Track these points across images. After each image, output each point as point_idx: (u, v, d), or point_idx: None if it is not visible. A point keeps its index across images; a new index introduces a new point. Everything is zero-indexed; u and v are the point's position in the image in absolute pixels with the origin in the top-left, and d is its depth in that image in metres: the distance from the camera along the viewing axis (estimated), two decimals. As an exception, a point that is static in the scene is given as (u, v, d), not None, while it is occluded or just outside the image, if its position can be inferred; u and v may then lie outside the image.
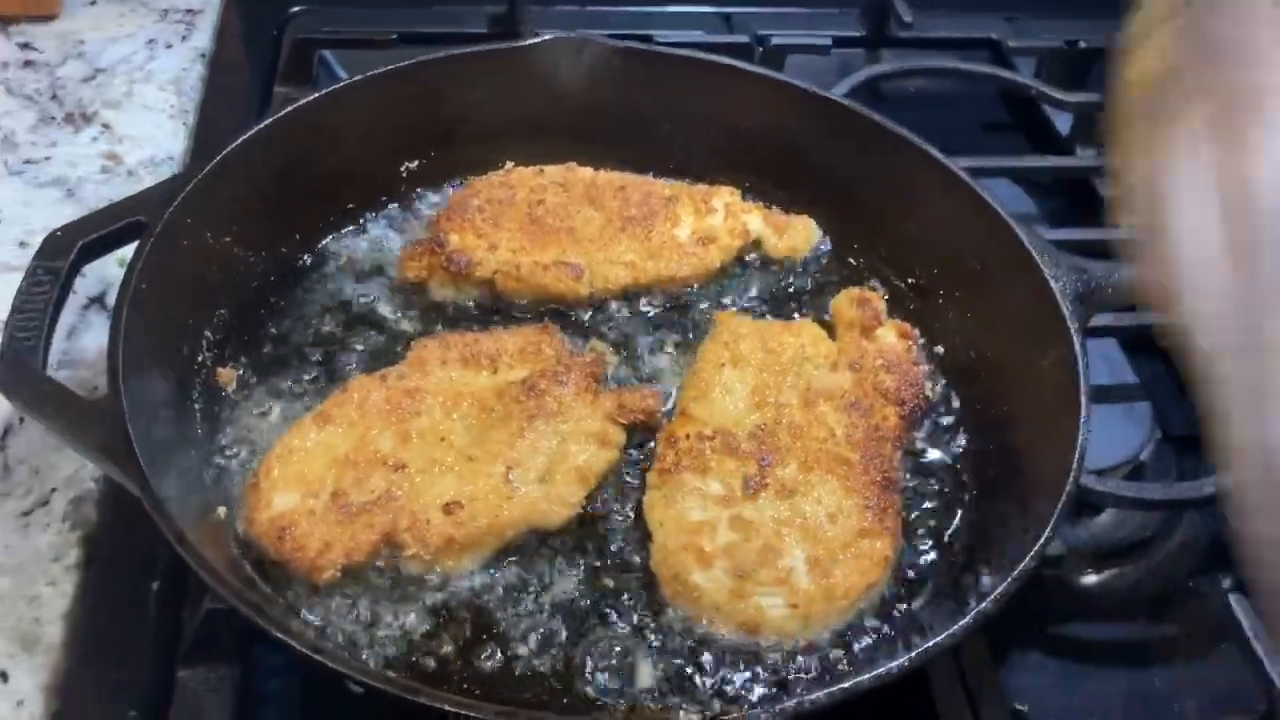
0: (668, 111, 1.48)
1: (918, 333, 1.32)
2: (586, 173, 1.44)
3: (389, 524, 1.07)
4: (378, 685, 0.91)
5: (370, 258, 1.38)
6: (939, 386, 1.30)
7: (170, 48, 1.73)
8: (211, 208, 1.23)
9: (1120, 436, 1.39)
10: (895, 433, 1.21)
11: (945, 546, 1.17)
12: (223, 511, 1.10)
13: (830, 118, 1.44)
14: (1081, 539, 1.32)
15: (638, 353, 1.32)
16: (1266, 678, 1.12)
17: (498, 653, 1.04)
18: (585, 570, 1.11)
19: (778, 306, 1.39)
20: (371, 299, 1.34)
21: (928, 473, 1.23)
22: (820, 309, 1.37)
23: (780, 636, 1.06)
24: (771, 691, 1.03)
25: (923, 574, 1.14)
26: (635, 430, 1.22)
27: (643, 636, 1.06)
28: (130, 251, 1.15)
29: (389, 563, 1.08)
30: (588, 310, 1.35)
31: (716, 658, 1.05)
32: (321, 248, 1.38)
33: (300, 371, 1.25)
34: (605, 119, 1.48)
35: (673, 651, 1.05)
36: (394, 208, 1.44)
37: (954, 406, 1.29)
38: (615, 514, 1.16)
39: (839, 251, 1.44)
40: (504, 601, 1.08)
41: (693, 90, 1.47)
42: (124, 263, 1.14)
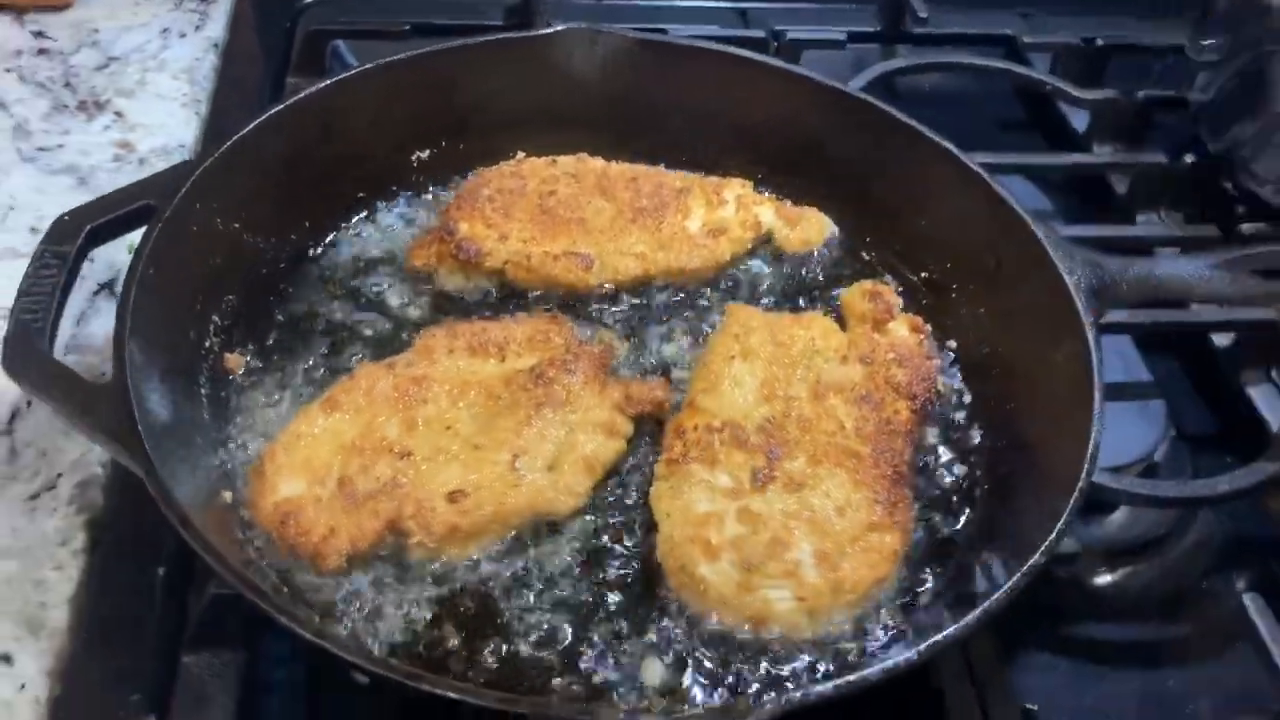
0: (681, 103, 1.47)
1: (930, 327, 1.31)
2: (598, 163, 1.44)
3: (394, 511, 1.07)
4: (382, 673, 0.90)
5: (380, 246, 1.38)
6: (952, 382, 1.29)
7: (184, 37, 1.73)
8: (221, 193, 1.23)
9: (1134, 434, 1.38)
10: (906, 427, 1.19)
11: (956, 541, 1.15)
12: (228, 496, 1.10)
13: (846, 111, 1.43)
14: (1095, 537, 1.31)
15: (647, 344, 1.31)
16: (1282, 678, 1.11)
17: (502, 643, 1.04)
18: (591, 561, 1.10)
19: (789, 299, 1.38)
20: (380, 287, 1.34)
21: (939, 467, 1.21)
22: (832, 302, 1.36)
23: (787, 630, 1.05)
24: (777, 684, 1.02)
25: (933, 569, 1.13)
26: (644, 421, 1.21)
27: (647, 628, 1.05)
28: (139, 237, 1.15)
29: (394, 550, 1.07)
30: (597, 301, 1.34)
31: (722, 650, 1.04)
32: (331, 235, 1.38)
33: (308, 358, 1.25)
34: (618, 110, 1.48)
35: (678, 643, 1.04)
36: (404, 197, 1.44)
37: (966, 402, 1.27)
38: (622, 504, 1.15)
39: (852, 245, 1.43)
40: (509, 591, 1.07)
41: (707, 82, 1.46)
42: (133, 248, 1.14)
